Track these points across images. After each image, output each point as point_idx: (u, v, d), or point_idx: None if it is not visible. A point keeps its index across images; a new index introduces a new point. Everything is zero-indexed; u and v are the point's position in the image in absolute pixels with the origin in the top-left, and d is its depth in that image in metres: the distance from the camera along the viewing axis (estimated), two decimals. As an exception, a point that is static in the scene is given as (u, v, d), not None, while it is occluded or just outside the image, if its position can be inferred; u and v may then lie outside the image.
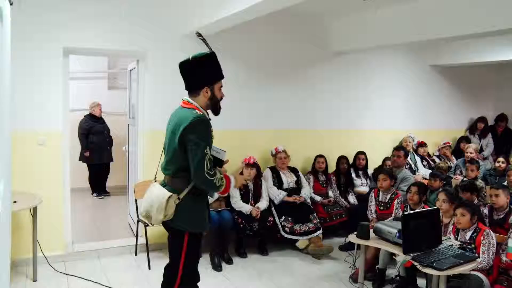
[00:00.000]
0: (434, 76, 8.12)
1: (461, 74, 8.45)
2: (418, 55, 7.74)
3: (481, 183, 5.59)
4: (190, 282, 2.98)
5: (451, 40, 6.09)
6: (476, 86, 8.84)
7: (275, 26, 5.89)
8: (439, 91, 8.21)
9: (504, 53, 7.03)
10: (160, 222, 2.84)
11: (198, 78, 2.88)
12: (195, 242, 2.90)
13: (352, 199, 6.13)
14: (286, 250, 5.47)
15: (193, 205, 2.86)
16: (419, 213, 3.50)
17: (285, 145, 5.86)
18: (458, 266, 3.11)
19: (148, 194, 2.90)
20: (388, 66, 7.35)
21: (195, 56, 2.86)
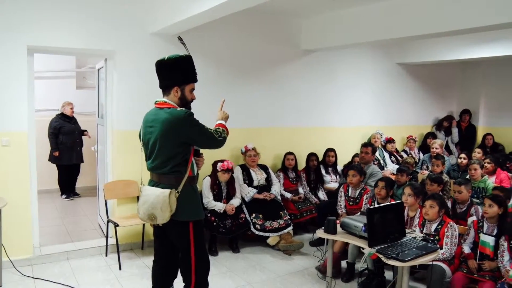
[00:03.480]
0: (401, 74, 8.30)
1: (426, 72, 8.68)
2: (385, 53, 7.90)
3: (446, 177, 5.74)
4: (205, 267, 3.17)
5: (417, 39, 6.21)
6: (441, 83, 9.10)
7: (244, 24, 5.92)
8: (406, 88, 8.40)
9: (467, 51, 7.26)
10: (167, 219, 2.94)
11: (171, 78, 3.00)
12: (199, 229, 3.09)
13: (322, 195, 6.22)
14: (257, 247, 5.51)
15: (191, 196, 3.03)
16: (383, 207, 3.58)
17: (255, 143, 5.90)
18: (421, 257, 3.20)
19: (145, 198, 3.00)
20: (356, 64, 7.47)
21: (171, 57, 2.99)
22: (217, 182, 5.36)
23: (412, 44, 7.83)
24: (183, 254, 3.07)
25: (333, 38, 5.95)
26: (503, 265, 3.72)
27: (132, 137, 4.94)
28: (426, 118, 8.92)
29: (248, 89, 6.08)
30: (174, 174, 2.97)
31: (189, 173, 2.98)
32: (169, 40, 5.18)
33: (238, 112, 5.93)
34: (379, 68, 7.89)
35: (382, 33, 5.27)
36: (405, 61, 8.13)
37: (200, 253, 3.07)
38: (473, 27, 4.36)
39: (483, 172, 5.70)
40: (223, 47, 5.83)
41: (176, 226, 3.02)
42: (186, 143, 2.94)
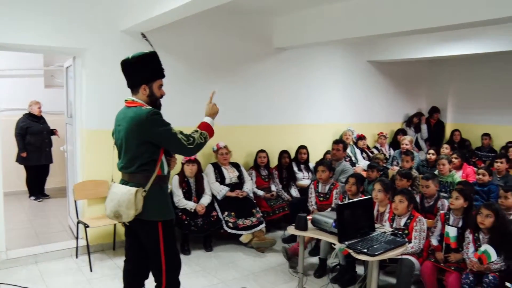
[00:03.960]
0: (371, 71, 8.42)
1: (397, 70, 8.83)
2: (356, 51, 8.00)
3: (415, 172, 5.85)
4: (175, 267, 3.14)
5: (387, 37, 6.33)
6: (411, 81, 9.27)
7: (216, 22, 5.90)
8: (377, 86, 8.53)
9: (436, 49, 7.41)
10: (132, 218, 2.92)
11: (137, 76, 2.98)
12: (169, 229, 3.04)
13: (294, 192, 6.25)
14: (230, 245, 5.50)
15: (159, 195, 2.98)
16: (352, 203, 3.63)
17: (227, 141, 5.89)
18: (389, 251, 3.25)
19: (112, 195, 2.99)
20: (328, 61, 7.54)
21: (135, 55, 2.96)
22: (185, 179, 5.35)
23: (382, 42, 7.96)
24: (153, 254, 3.04)
25: (304, 36, 5.99)
26: (468, 256, 3.83)
27: (102, 137, 4.90)
28: (397, 115, 9.07)
29: (220, 87, 5.99)
30: (142, 173, 2.94)
31: (158, 173, 2.95)
32: (140, 37, 5.10)
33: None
34: (350, 65, 7.98)
35: (352, 31, 5.33)
36: (375, 59, 8.25)
37: (170, 253, 3.04)
38: (441, 25, 4.45)
39: (451, 167, 5.84)
40: (195, 45, 5.80)
41: (144, 226, 2.99)
42: (151, 142, 2.90)
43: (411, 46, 7.61)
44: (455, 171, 5.88)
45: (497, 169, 5.90)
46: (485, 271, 3.64)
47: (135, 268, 3.23)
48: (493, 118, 8.99)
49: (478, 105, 9.26)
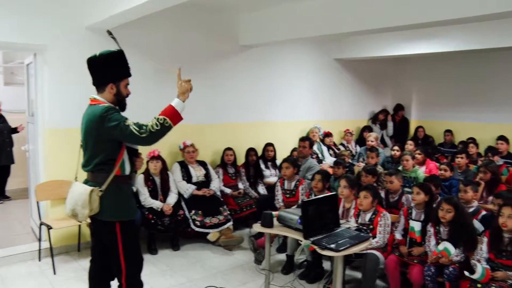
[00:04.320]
0: (338, 69, 8.52)
1: (363, 67, 8.96)
2: (323, 49, 8.08)
3: (380, 169, 5.96)
4: (136, 269, 3.09)
5: (353, 35, 6.41)
6: (377, 78, 9.43)
7: (182, 19, 5.86)
8: (343, 83, 8.63)
9: (401, 48, 7.55)
10: (87, 217, 2.91)
11: (104, 74, 2.94)
12: (128, 230, 2.98)
13: (262, 190, 6.28)
14: (198, 244, 5.48)
15: (117, 195, 2.92)
16: (317, 199, 3.65)
17: (193, 139, 5.85)
18: (354, 246, 3.29)
19: (71, 194, 2.96)
20: (295, 59, 7.59)
21: (102, 53, 2.92)
22: (151, 177, 5.30)
23: (349, 40, 8.05)
24: (112, 254, 2.99)
25: (271, 33, 6.00)
26: (430, 249, 3.93)
27: (65, 136, 4.81)
28: (363, 112, 9.21)
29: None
30: (100, 172, 2.90)
31: (116, 172, 2.89)
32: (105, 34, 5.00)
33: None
34: (317, 63, 8.04)
35: (318, 29, 5.37)
36: (342, 57, 8.34)
37: (129, 254, 3.00)
38: (406, 24, 4.53)
39: (414, 162, 5.96)
40: (161, 42, 5.74)
41: (102, 226, 2.96)
42: (110, 141, 2.85)
43: (377, 44, 7.73)
44: (419, 167, 6.01)
45: (457, 164, 6.07)
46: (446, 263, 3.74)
47: (100, 268, 3.19)
48: (455, 115, 9.24)
49: (441, 103, 9.50)
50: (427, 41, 7.18)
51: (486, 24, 6.09)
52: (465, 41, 6.81)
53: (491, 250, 3.67)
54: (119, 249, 2.94)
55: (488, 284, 3.43)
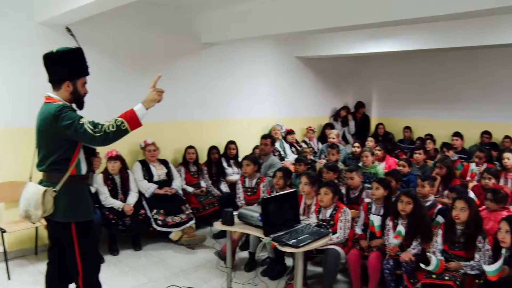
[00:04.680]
0: (300, 67, 8.58)
1: (324, 65, 9.06)
2: (285, 47, 8.11)
3: (341, 165, 6.05)
4: (93, 270, 3.03)
5: (314, 33, 6.47)
6: (338, 76, 9.56)
7: (142, 16, 5.77)
8: (305, 81, 8.70)
9: (361, 46, 7.68)
10: (41, 218, 2.82)
11: (61, 72, 2.87)
12: (84, 230, 2.91)
13: (224, 187, 6.27)
14: (160, 243, 5.43)
15: (72, 196, 2.85)
16: (277, 196, 3.67)
17: (154, 137, 5.77)
18: (314, 242, 3.33)
19: (24, 194, 2.88)
20: (257, 57, 7.59)
21: (60, 50, 2.84)
22: (110, 176, 5.22)
23: (311, 38, 8.12)
24: (69, 255, 2.92)
25: (232, 31, 5.98)
26: (389, 242, 4.03)
27: (19, 135, 4.65)
28: (325, 110, 9.32)
29: (146, 83, 5.83)
30: (54, 172, 2.82)
31: (71, 172, 2.83)
32: (60, 30, 4.87)
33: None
34: (279, 61, 8.08)
35: (279, 27, 5.38)
36: (304, 55, 8.41)
37: (86, 254, 2.93)
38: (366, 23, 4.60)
39: (374, 159, 6.08)
40: (120, 40, 5.63)
41: (57, 227, 2.90)
42: (64, 140, 2.78)
43: (338, 42, 7.83)
44: (378, 163, 6.14)
45: (415, 160, 6.23)
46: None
47: (57, 271, 3.11)
48: (413, 112, 9.49)
49: (401, 100, 9.73)
50: (386, 40, 7.32)
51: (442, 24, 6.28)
52: (423, 40, 6.99)
53: (445, 242, 3.81)
54: (76, 250, 2.88)
55: (442, 274, 3.57)
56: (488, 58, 8.35)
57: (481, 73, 8.54)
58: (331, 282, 4.11)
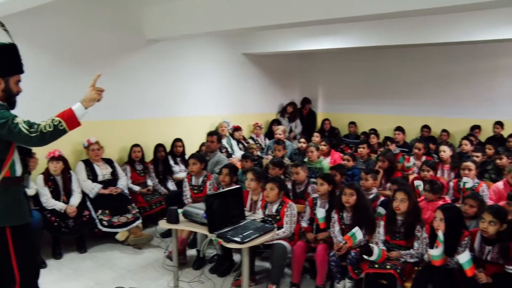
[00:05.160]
0: (246, 64, 8.61)
1: (271, 62, 9.14)
2: (231, 44, 8.12)
3: (287, 161, 6.12)
4: (31, 277, 2.91)
5: (259, 30, 6.50)
6: (285, 73, 9.67)
7: (83, 12, 5.61)
8: (251, 78, 8.74)
9: (306, 43, 7.79)
10: None
11: None
12: (21, 235, 2.80)
13: (171, 186, 6.21)
14: (106, 244, 5.31)
15: (7, 198, 2.75)
16: (221, 193, 3.68)
17: (98, 136, 5.63)
18: (258, 238, 3.36)
19: None
20: (203, 54, 7.56)
21: None
22: (51, 177, 5.05)
23: (256, 35, 8.16)
24: (4, 262, 2.80)
25: (177, 27, 5.92)
26: (335, 235, 4.14)
27: None
28: (271, 106, 9.40)
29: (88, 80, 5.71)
30: None
31: (5, 174, 2.71)
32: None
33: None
34: (225, 58, 8.07)
35: (224, 24, 5.39)
36: (249, 52, 8.44)
37: (23, 260, 2.82)
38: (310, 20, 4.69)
39: (319, 154, 6.19)
40: (59, 35, 5.44)
41: None
42: None
43: (284, 39, 7.90)
44: (324, 158, 6.26)
45: (360, 154, 6.40)
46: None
47: None
48: (358, 107, 9.75)
49: (346, 96, 9.97)
50: (330, 37, 7.47)
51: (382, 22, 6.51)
52: (366, 37, 7.18)
53: (387, 232, 3.95)
54: (11, 256, 2.75)
55: (384, 264, 3.70)
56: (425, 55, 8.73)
57: (419, 70, 8.92)
58: (279, 276, 4.16)
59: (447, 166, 5.71)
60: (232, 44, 8.16)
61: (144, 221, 5.56)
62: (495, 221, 3.42)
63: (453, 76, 8.60)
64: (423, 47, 8.21)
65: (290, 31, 7.54)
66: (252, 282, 4.28)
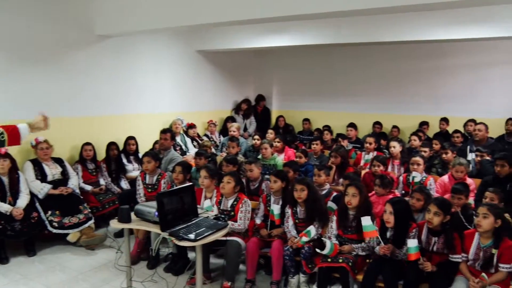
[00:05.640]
0: (201, 61, 8.58)
1: (225, 59, 9.14)
2: (185, 40, 8.07)
3: (241, 158, 6.14)
4: None
5: (213, 26, 6.48)
6: (239, 70, 9.69)
7: (27, 6, 5.40)
8: (206, 75, 8.72)
9: (260, 40, 7.83)
10: None
11: None
12: None
13: (124, 184, 6.13)
14: (57, 246, 5.18)
15: None
16: (173, 190, 3.64)
17: (47, 134, 5.43)
18: (211, 235, 3.36)
19: None
20: (157, 50, 7.48)
21: None
22: (-5, 177, 4.89)
23: (210, 32, 8.14)
24: None
25: (128, 23, 5.80)
26: (289, 229, 4.21)
27: None
28: (226, 103, 9.41)
29: (35, 76, 5.56)
30: None
31: None
32: None
33: (22, 103, 5.37)
34: (179, 54, 8.01)
35: (177, 20, 5.34)
36: (204, 48, 8.40)
37: None
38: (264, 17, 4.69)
39: (273, 150, 6.25)
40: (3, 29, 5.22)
41: None
42: None
43: (238, 36, 7.92)
44: (277, 154, 6.32)
45: (313, 151, 6.50)
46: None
47: None
48: (312, 104, 9.91)
49: (300, 93, 10.11)
50: (284, 35, 7.54)
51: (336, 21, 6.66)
52: (318, 36, 7.30)
53: (339, 227, 4.04)
54: None
55: (337, 257, 3.80)
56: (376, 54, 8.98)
57: (371, 68, 9.21)
58: (234, 273, 4.19)
59: (397, 162, 5.89)
60: (187, 41, 8.10)
61: (97, 221, 5.46)
62: (440, 212, 3.58)
63: (402, 74, 8.91)
64: (374, 46, 8.43)
65: (245, 28, 7.57)
66: (207, 280, 4.28)
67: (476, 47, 8.08)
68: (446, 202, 3.73)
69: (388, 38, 6.79)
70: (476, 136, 6.41)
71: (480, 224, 3.38)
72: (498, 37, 6.34)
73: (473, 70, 8.31)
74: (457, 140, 6.94)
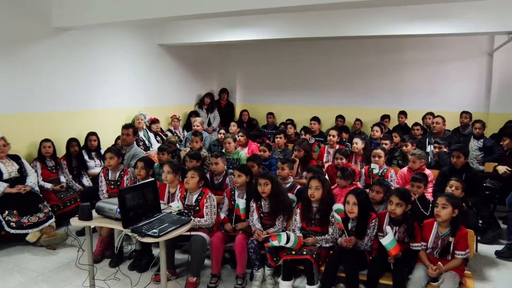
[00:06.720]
0: (162, 55, 8.48)
1: (188, 53, 9.08)
2: (146, 34, 7.96)
3: (205, 152, 6.11)
4: None
5: (174, 20, 6.41)
6: (202, 64, 9.64)
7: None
8: (168, 69, 8.64)
9: (222, 34, 7.80)
10: None
11: None
12: None
13: (86, 181, 6.02)
14: (15, 247, 5.03)
15: None
16: (135, 186, 3.57)
17: (2, 131, 5.30)
18: (175, 230, 3.33)
19: None
20: (118, 44, 7.35)
21: None
22: None
23: (172, 26, 8.05)
24: None
25: (86, 16, 5.68)
26: (254, 223, 4.23)
27: None
28: (189, 98, 9.35)
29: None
30: None
31: None
32: None
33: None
34: (140, 49, 7.90)
35: (136, 13, 5.27)
36: (166, 42, 8.31)
37: None
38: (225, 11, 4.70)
39: (237, 145, 6.25)
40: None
41: None
42: None
43: (200, 30, 7.86)
44: (241, 148, 6.33)
45: (277, 144, 6.54)
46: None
47: None
48: (276, 98, 9.97)
49: (264, 87, 10.15)
50: (247, 29, 7.53)
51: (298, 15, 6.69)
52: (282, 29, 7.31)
53: (303, 219, 4.09)
54: None
55: (301, 250, 3.84)
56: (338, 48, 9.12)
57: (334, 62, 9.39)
58: (199, 268, 4.16)
59: (359, 158, 5.99)
60: (148, 35, 8.00)
61: (59, 220, 5.33)
62: (401, 203, 3.70)
63: (364, 68, 9.08)
64: (337, 40, 8.54)
65: (208, 22, 7.52)
66: (172, 276, 4.24)
67: (434, 42, 8.33)
68: (406, 192, 3.85)
69: (351, 32, 6.89)
70: (434, 129, 6.60)
71: (439, 214, 3.52)
72: (455, 33, 6.56)
73: (431, 65, 8.57)
74: (417, 133, 7.13)
